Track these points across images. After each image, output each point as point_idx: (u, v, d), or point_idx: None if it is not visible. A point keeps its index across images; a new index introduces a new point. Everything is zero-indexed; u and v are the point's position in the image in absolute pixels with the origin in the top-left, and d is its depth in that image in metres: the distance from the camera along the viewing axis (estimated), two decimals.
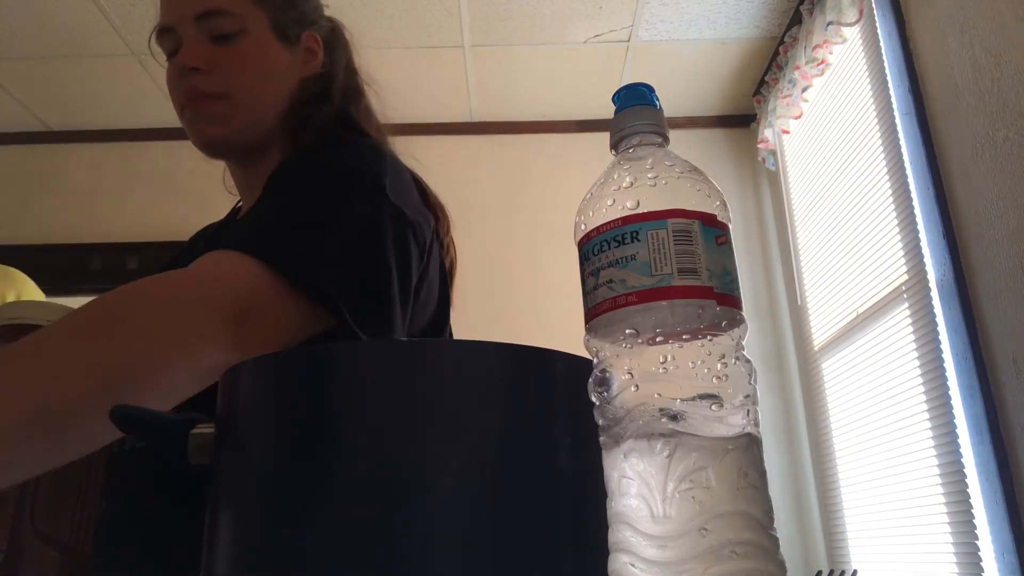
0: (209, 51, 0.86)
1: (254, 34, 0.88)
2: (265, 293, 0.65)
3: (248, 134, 0.89)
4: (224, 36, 0.86)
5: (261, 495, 0.44)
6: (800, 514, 2.69)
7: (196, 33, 0.86)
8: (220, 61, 0.86)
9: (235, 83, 0.86)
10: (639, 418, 0.37)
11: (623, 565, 0.36)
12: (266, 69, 0.89)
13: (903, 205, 2.05)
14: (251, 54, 0.88)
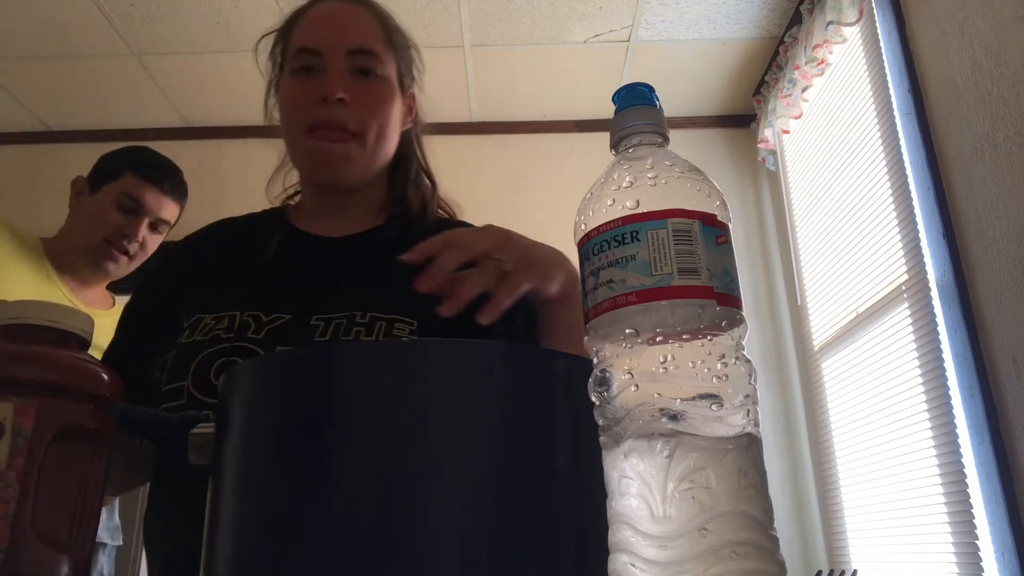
0: (352, 85, 0.90)
1: (388, 81, 0.93)
2: None
3: (365, 175, 0.94)
4: (366, 73, 0.91)
5: (261, 495, 0.44)
6: (800, 514, 2.69)
7: (343, 66, 0.90)
8: (360, 98, 0.90)
9: (367, 125, 0.91)
10: (639, 418, 0.37)
11: (623, 565, 0.36)
12: (392, 116, 0.94)
13: (903, 205, 2.05)
14: (385, 99, 0.93)
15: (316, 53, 0.91)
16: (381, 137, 0.92)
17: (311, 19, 0.96)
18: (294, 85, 0.92)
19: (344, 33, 0.92)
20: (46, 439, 0.51)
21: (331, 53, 0.90)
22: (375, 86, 0.91)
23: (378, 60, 0.92)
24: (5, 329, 0.55)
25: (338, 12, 0.95)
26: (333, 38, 0.91)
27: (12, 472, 0.50)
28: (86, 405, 0.54)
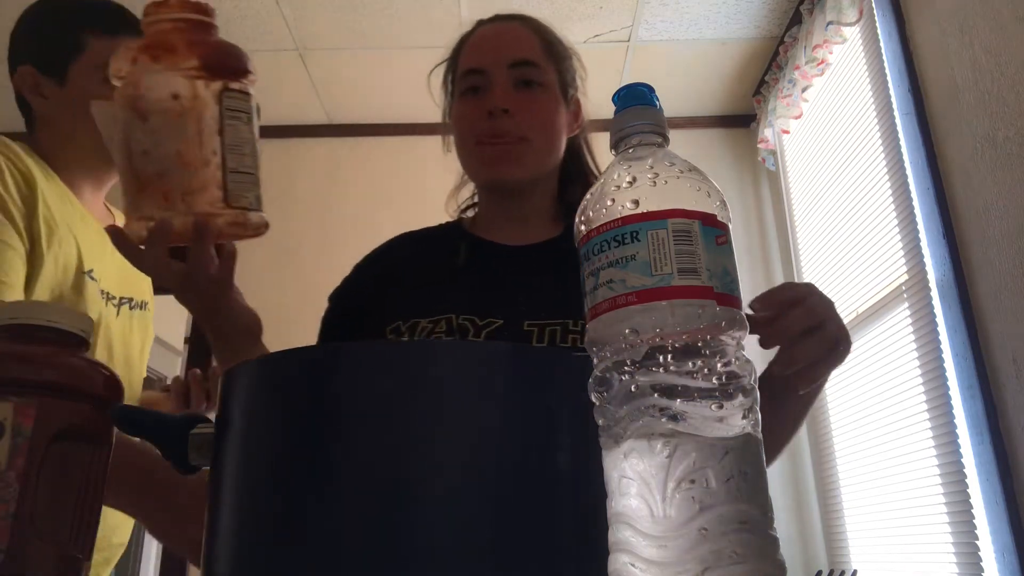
0: (515, 96, 0.95)
1: (550, 89, 0.99)
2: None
3: (535, 174, 0.99)
4: (528, 83, 0.97)
5: (261, 495, 0.44)
6: (800, 514, 2.69)
7: (506, 79, 0.96)
8: (523, 107, 0.95)
9: (534, 130, 0.96)
10: (639, 418, 0.37)
11: (623, 565, 0.36)
12: (555, 122, 0.99)
13: (903, 205, 2.05)
14: (548, 106, 0.98)
15: (480, 72, 0.98)
16: (547, 140, 0.98)
17: (473, 42, 1.03)
18: (463, 105, 0.99)
19: (504, 49, 0.99)
20: (46, 439, 0.51)
21: (493, 69, 0.97)
22: (538, 94, 0.97)
23: (538, 70, 0.97)
24: (5, 329, 0.55)
25: (498, 31, 1.03)
26: (494, 54, 0.98)
27: (12, 472, 0.50)
28: (86, 405, 0.54)
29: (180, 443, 0.49)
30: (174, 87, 0.66)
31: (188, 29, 0.69)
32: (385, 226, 2.21)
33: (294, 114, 3.22)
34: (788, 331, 0.66)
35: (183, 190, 0.67)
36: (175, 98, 0.66)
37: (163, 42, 0.67)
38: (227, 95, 0.69)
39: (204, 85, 0.69)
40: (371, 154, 3.26)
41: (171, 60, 0.67)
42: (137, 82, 0.67)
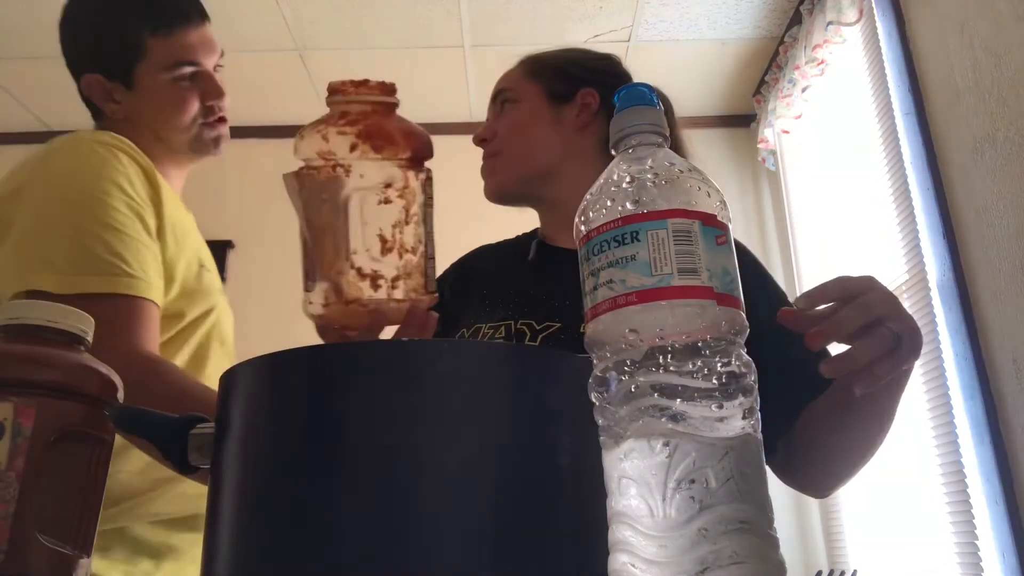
0: (493, 125, 1.07)
1: (524, 100, 1.07)
2: None
3: (516, 180, 1.06)
4: (503, 105, 1.08)
5: (261, 495, 0.44)
6: (800, 514, 2.69)
7: (493, 111, 1.09)
8: (498, 128, 1.07)
9: (504, 141, 1.06)
10: (639, 418, 0.37)
11: (623, 565, 0.36)
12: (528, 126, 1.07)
13: (903, 205, 2.05)
14: (518, 116, 1.07)
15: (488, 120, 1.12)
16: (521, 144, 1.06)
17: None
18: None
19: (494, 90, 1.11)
20: (46, 439, 0.51)
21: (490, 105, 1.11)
22: (509, 112, 1.07)
23: (512, 92, 1.08)
24: (5, 329, 0.55)
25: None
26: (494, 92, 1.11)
27: (12, 472, 0.50)
28: (86, 405, 0.54)
29: (180, 443, 0.49)
30: (388, 176, 0.68)
31: (388, 112, 0.70)
32: None
33: (294, 114, 3.21)
34: (840, 329, 0.61)
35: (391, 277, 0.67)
36: (387, 187, 0.67)
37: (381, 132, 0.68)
38: (428, 183, 0.70)
39: (415, 175, 0.70)
40: None
41: (391, 151, 0.68)
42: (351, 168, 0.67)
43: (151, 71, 1.15)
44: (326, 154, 0.67)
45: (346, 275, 0.66)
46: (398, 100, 0.71)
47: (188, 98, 1.17)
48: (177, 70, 1.16)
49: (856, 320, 0.61)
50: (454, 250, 1.26)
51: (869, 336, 0.61)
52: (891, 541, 2.15)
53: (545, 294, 0.99)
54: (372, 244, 0.67)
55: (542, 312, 0.96)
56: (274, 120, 3.21)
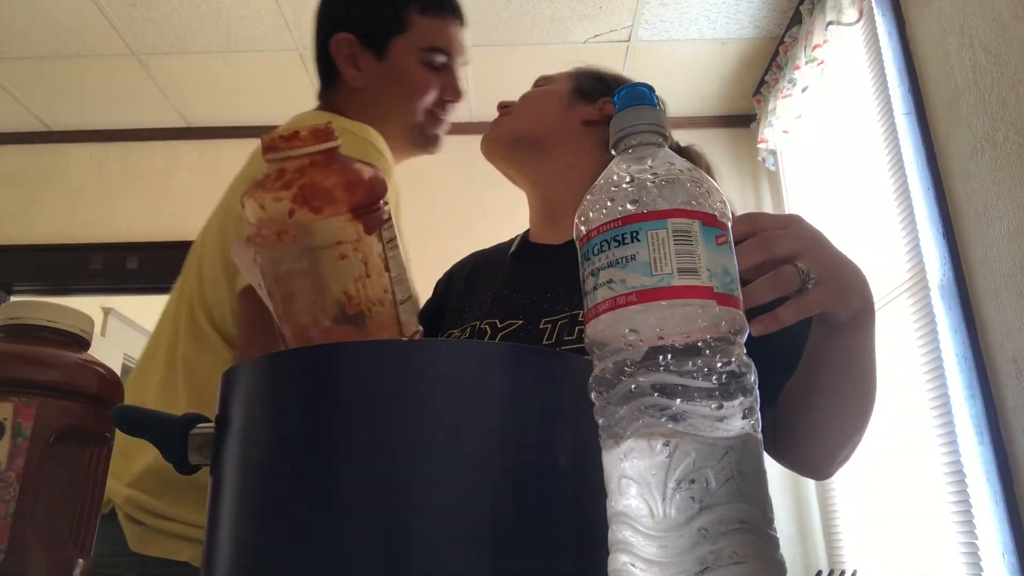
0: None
1: (554, 85, 1.11)
2: None
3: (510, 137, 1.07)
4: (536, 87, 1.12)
5: (261, 495, 0.44)
6: (800, 514, 2.69)
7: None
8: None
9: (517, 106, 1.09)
10: (639, 418, 0.37)
11: (623, 565, 0.36)
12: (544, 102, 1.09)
13: (903, 205, 2.05)
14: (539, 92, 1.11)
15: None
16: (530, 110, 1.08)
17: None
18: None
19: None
20: (46, 439, 0.51)
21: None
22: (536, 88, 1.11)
23: (550, 77, 1.12)
24: (5, 329, 0.55)
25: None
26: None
27: (12, 472, 0.50)
28: (86, 405, 0.54)
29: (180, 443, 0.49)
30: (337, 233, 0.62)
31: (327, 162, 0.64)
32: None
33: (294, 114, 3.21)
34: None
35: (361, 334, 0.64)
36: (339, 244, 0.62)
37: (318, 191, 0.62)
38: (384, 227, 0.64)
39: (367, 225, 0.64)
40: None
41: (332, 209, 0.62)
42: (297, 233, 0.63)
43: (407, 48, 1.16)
44: (267, 222, 0.62)
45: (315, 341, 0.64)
46: (337, 142, 0.64)
47: (432, 83, 1.19)
48: (432, 55, 1.18)
49: (752, 256, 0.56)
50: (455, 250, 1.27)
51: (768, 275, 0.56)
52: (891, 541, 2.14)
53: (515, 293, 1.00)
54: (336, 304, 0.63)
55: (507, 310, 0.97)
56: (274, 120, 3.20)
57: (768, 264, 0.56)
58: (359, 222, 0.62)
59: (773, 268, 0.56)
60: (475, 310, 1.01)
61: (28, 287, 3.12)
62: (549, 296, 0.96)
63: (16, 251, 3.08)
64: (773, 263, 0.56)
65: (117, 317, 3.74)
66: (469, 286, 1.10)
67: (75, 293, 3.13)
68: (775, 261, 0.57)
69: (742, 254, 0.54)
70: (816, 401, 0.78)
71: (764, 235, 0.57)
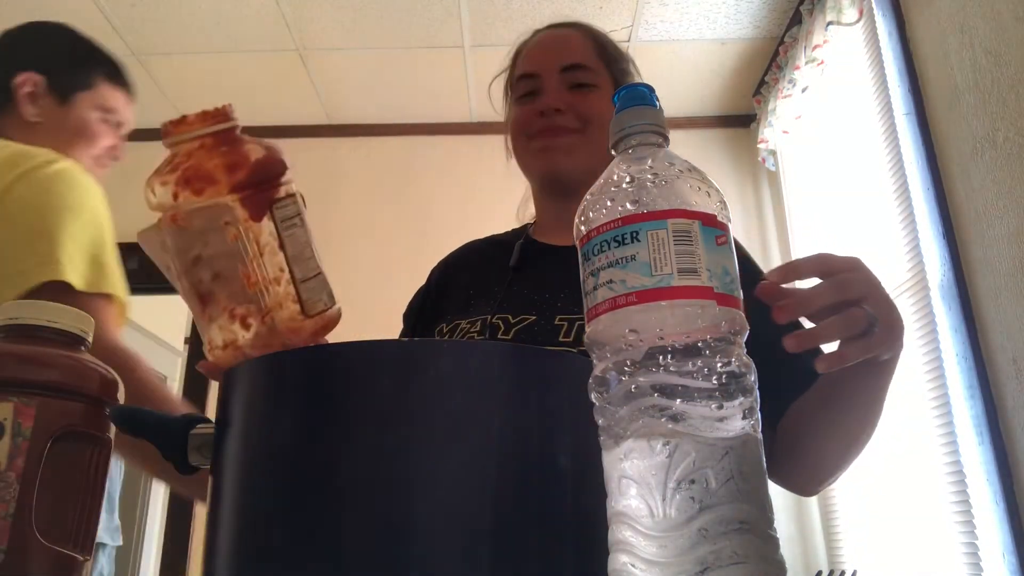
0: (568, 96, 0.98)
1: (601, 88, 1.00)
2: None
3: (586, 169, 0.96)
4: (581, 85, 0.99)
5: (261, 495, 0.44)
6: (800, 514, 2.69)
7: (559, 81, 0.99)
8: (576, 105, 0.98)
9: (587, 123, 0.98)
10: (639, 418, 0.37)
11: (623, 565, 0.36)
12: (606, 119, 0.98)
13: (903, 205, 2.05)
14: (599, 103, 0.99)
15: (534, 76, 1.01)
16: (601, 134, 0.99)
17: (529, 49, 1.06)
18: (519, 109, 1.03)
19: (558, 53, 1.01)
20: (46, 439, 0.51)
21: (546, 73, 1.00)
22: (591, 95, 0.99)
23: (591, 72, 0.99)
24: (5, 329, 0.55)
25: (552, 37, 1.06)
26: (547, 59, 1.01)
27: (12, 472, 0.50)
28: (86, 405, 0.54)
29: (180, 443, 0.49)
30: (224, 215, 0.63)
31: (216, 144, 0.65)
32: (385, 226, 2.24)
33: (294, 114, 3.22)
34: (808, 304, 0.57)
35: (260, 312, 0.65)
36: (228, 224, 0.63)
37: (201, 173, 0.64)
38: (277, 206, 0.65)
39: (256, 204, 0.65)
40: (371, 154, 3.26)
41: (213, 190, 0.63)
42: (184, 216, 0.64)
43: (89, 105, 1.38)
44: (158, 207, 0.64)
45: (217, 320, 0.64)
46: (234, 123, 0.65)
47: (105, 137, 1.41)
48: (108, 115, 1.40)
49: (827, 297, 0.58)
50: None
51: (840, 315, 0.59)
52: (891, 541, 2.14)
53: (526, 289, 0.99)
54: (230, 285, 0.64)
55: (519, 305, 0.95)
56: (274, 120, 3.21)
57: (840, 305, 0.59)
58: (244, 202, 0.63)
59: (843, 309, 0.59)
60: (483, 303, 0.99)
61: None
62: (563, 295, 0.95)
63: None
64: (844, 305, 0.59)
65: None
66: (473, 278, 1.07)
67: None
68: (846, 303, 0.59)
69: (818, 295, 0.58)
70: (827, 430, 0.81)
71: (839, 278, 0.60)
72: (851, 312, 0.59)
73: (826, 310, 0.58)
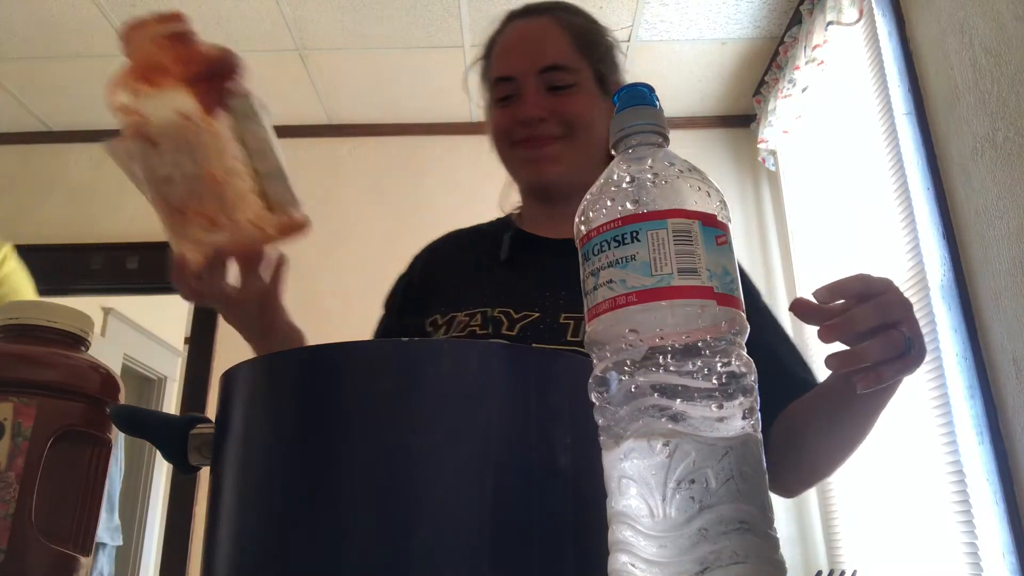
0: (548, 101, 0.95)
1: (584, 87, 0.97)
2: None
3: (575, 176, 0.94)
4: (560, 87, 0.96)
5: (261, 494, 0.44)
6: (800, 514, 2.69)
7: (536, 84, 0.96)
8: (558, 109, 0.95)
9: (571, 128, 0.96)
10: (639, 418, 0.37)
11: (623, 565, 0.36)
12: (592, 120, 0.97)
13: (903, 205, 2.05)
14: (583, 106, 0.97)
15: (510, 79, 0.98)
16: (587, 136, 0.97)
17: (503, 45, 1.02)
18: (498, 114, 1.00)
19: (533, 54, 0.97)
20: (46, 439, 0.51)
21: (523, 77, 0.96)
22: (571, 98, 0.96)
23: (569, 72, 0.97)
24: (5, 329, 0.55)
25: (526, 33, 1.02)
26: (523, 62, 0.97)
27: (12, 472, 0.50)
28: (86, 405, 0.54)
29: (180, 443, 0.49)
30: (179, 106, 0.64)
31: (171, 44, 0.66)
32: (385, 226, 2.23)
33: (294, 114, 3.22)
34: (853, 326, 0.60)
35: (223, 207, 0.65)
36: (185, 118, 0.64)
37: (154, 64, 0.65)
38: (233, 101, 0.66)
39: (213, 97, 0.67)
40: (371, 154, 3.26)
41: (168, 80, 0.65)
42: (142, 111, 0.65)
43: None
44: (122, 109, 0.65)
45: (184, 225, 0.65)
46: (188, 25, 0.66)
47: None
48: None
49: (872, 319, 0.61)
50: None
51: (880, 337, 0.61)
52: (891, 541, 2.14)
53: (523, 283, 0.97)
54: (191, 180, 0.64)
55: (520, 301, 0.94)
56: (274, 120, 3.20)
57: (880, 327, 0.61)
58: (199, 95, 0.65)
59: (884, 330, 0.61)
60: (475, 294, 0.97)
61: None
62: (564, 292, 0.94)
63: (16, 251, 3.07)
64: (884, 327, 0.62)
65: (117, 317, 3.74)
66: (461, 267, 1.05)
67: (75, 293, 3.12)
68: (885, 325, 0.62)
69: (863, 317, 0.61)
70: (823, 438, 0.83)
71: (880, 300, 0.62)
72: (893, 334, 0.61)
73: (869, 331, 0.61)
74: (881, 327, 0.61)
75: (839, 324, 0.60)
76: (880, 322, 0.61)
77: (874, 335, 0.61)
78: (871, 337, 0.61)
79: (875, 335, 0.61)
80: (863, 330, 0.61)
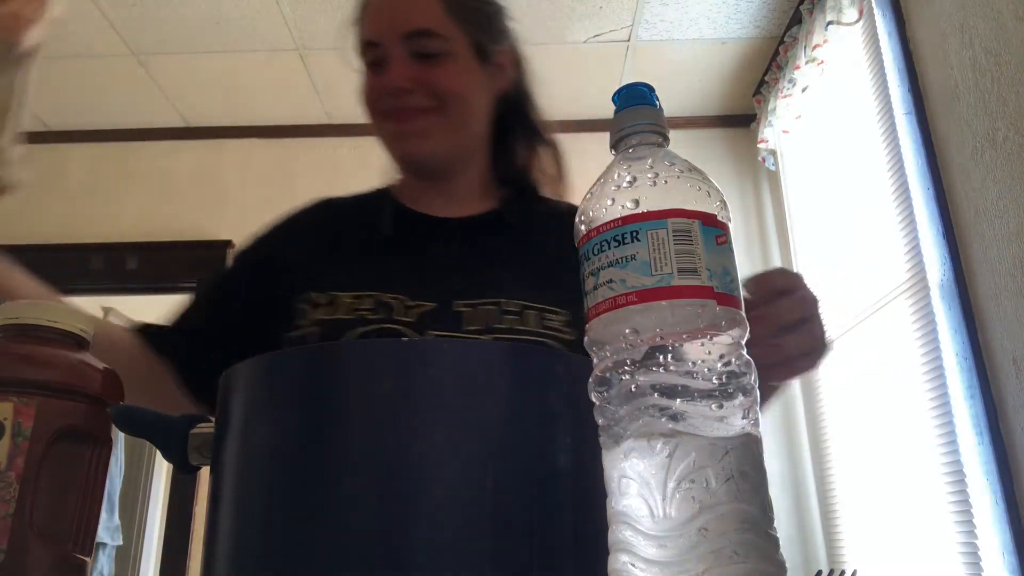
0: (415, 70, 0.88)
1: (457, 55, 0.90)
2: None
3: (451, 151, 0.92)
4: (429, 55, 0.88)
5: (261, 494, 0.44)
6: (800, 514, 2.69)
7: (402, 52, 0.88)
8: (427, 79, 0.88)
9: (442, 100, 0.89)
10: (639, 418, 0.37)
11: (623, 565, 0.36)
12: (468, 91, 0.91)
13: (903, 205, 2.05)
14: (456, 75, 0.90)
15: (376, 45, 0.90)
16: (460, 110, 0.91)
17: (370, 8, 0.94)
18: (367, 81, 0.93)
19: (397, 18, 0.89)
20: (46, 439, 0.51)
21: (388, 43, 0.89)
22: (441, 68, 0.89)
23: (439, 40, 0.89)
24: (5, 329, 0.55)
25: None
26: (387, 26, 0.90)
27: (12, 472, 0.50)
28: (86, 405, 0.54)
29: (180, 443, 0.49)
30: None
31: None
32: None
33: (294, 114, 3.22)
34: (778, 319, 0.62)
35: None
36: None
37: None
38: None
39: None
40: (371, 154, 3.25)
41: None
42: None
43: None
44: None
45: None
46: None
47: None
48: None
49: (794, 313, 0.63)
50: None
51: (799, 332, 0.63)
52: (891, 541, 2.15)
53: (411, 266, 0.90)
54: None
55: (411, 286, 0.87)
56: (274, 120, 3.21)
57: (800, 322, 0.64)
58: None
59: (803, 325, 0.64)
60: (360, 274, 0.89)
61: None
62: (460, 278, 0.88)
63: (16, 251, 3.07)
64: (803, 321, 0.64)
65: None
66: (333, 240, 0.96)
67: (75, 293, 3.12)
68: (803, 320, 0.64)
69: (787, 310, 0.63)
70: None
71: (800, 295, 0.64)
72: (809, 329, 0.64)
73: (797, 321, 0.63)
74: (800, 321, 0.63)
75: (764, 316, 0.61)
76: (800, 316, 0.63)
77: (794, 330, 0.63)
78: (791, 331, 0.62)
79: (795, 330, 0.63)
80: (785, 324, 0.62)
